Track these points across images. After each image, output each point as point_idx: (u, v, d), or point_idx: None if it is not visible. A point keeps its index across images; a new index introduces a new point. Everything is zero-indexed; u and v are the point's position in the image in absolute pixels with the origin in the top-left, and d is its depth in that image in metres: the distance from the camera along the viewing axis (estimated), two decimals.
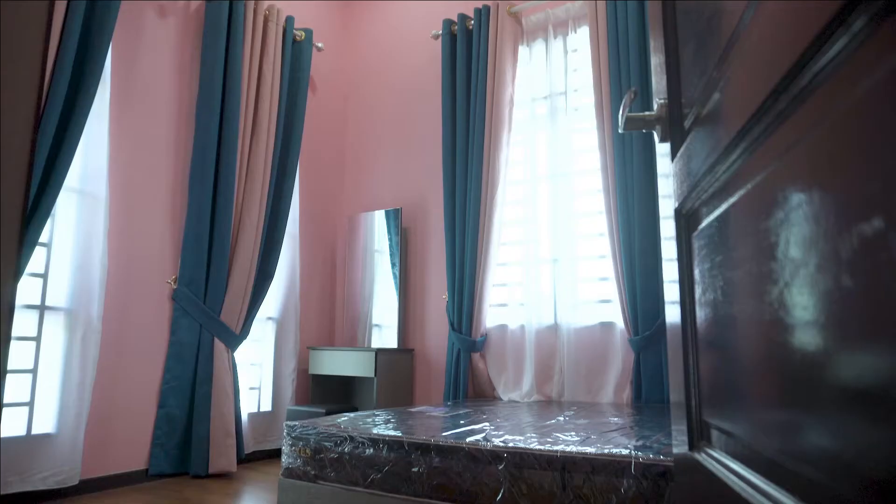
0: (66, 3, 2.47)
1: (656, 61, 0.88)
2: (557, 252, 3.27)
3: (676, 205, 0.78)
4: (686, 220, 0.78)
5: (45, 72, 1.81)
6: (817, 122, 0.42)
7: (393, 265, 3.73)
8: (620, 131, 0.83)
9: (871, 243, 0.34)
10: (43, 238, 2.56)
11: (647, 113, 0.83)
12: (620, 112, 0.83)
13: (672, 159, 0.80)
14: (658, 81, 0.87)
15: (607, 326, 3.12)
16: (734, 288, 0.59)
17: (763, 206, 0.51)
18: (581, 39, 3.37)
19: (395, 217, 3.74)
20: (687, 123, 0.77)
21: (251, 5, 3.35)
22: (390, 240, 3.75)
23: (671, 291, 0.87)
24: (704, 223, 0.69)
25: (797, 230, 0.44)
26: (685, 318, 0.79)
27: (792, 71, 0.45)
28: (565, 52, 3.40)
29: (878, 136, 0.34)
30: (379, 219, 3.82)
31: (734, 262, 0.58)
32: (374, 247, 3.83)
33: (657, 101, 0.84)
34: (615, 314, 3.09)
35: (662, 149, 0.85)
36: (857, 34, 0.37)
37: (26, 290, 2.48)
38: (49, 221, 2.58)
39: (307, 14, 3.99)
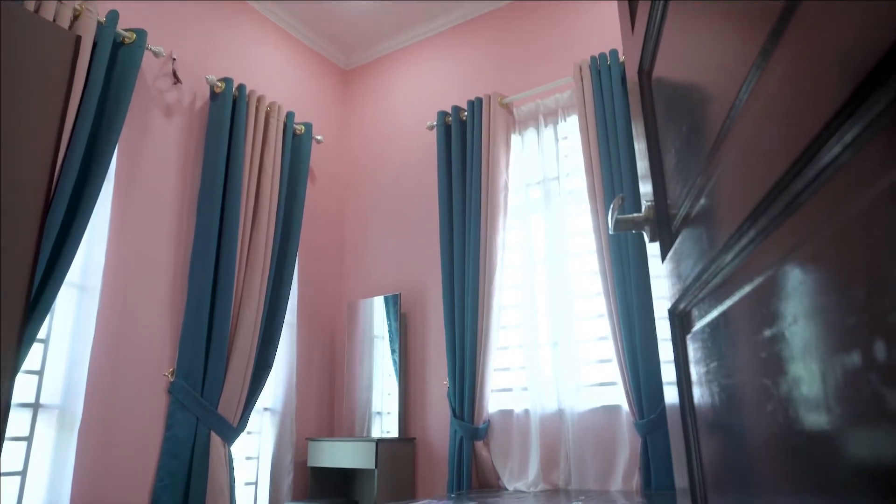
0: (77, 106, 2.58)
1: (641, 164, 0.92)
2: (557, 335, 3.25)
3: (669, 305, 0.80)
4: (679, 320, 0.79)
5: (54, 173, 1.85)
6: (805, 238, 0.42)
7: (393, 351, 3.70)
8: (611, 233, 0.86)
9: (859, 369, 0.35)
10: (41, 334, 2.56)
11: (635, 215, 0.85)
12: (609, 215, 0.86)
13: (662, 260, 0.82)
14: (644, 183, 0.90)
15: (612, 410, 3.06)
16: (729, 396, 0.59)
17: (751, 320, 0.52)
18: (571, 127, 3.50)
19: (393, 303, 3.74)
20: (674, 226, 0.79)
21: (253, 103, 3.50)
22: (389, 325, 3.74)
23: (670, 389, 0.87)
24: (697, 327, 0.70)
25: (786, 349, 0.45)
26: (685, 419, 0.78)
27: (778, 184, 0.45)
28: (556, 139, 3.52)
29: (869, 255, 0.34)
30: (378, 305, 3.82)
31: (727, 370, 0.59)
32: (373, 333, 3.81)
33: (645, 203, 0.88)
34: (619, 397, 3.04)
35: (653, 248, 0.87)
36: (851, 143, 0.35)
37: (21, 387, 2.45)
38: (48, 316, 2.58)
39: (307, 108, 4.15)
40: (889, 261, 0.32)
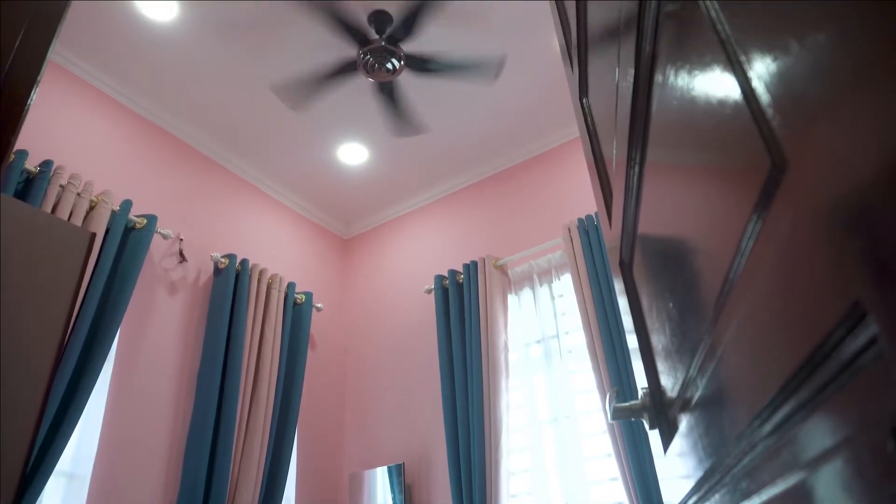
0: (85, 290, 2.65)
1: (634, 353, 0.94)
2: (570, 501, 3.07)
3: (678, 501, 0.77)
4: None
5: (57, 366, 1.85)
6: (805, 465, 0.38)
7: None
8: (610, 421, 0.85)
9: None
10: None
11: (632, 403, 0.86)
12: (606, 403, 0.86)
13: (665, 451, 0.81)
14: (637, 370, 0.92)
15: None
16: None
17: None
18: (565, 285, 3.58)
19: (397, 473, 3.57)
20: (672, 415, 0.79)
21: (255, 276, 3.60)
22: (394, 498, 3.53)
23: None
24: None
25: None
26: None
27: (775, 400, 0.41)
28: (552, 297, 3.58)
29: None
30: (381, 476, 3.64)
31: None
32: None
33: (641, 390, 0.88)
34: None
35: (654, 436, 0.87)
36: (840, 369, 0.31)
37: None
38: None
39: (308, 277, 4.27)
40: None
